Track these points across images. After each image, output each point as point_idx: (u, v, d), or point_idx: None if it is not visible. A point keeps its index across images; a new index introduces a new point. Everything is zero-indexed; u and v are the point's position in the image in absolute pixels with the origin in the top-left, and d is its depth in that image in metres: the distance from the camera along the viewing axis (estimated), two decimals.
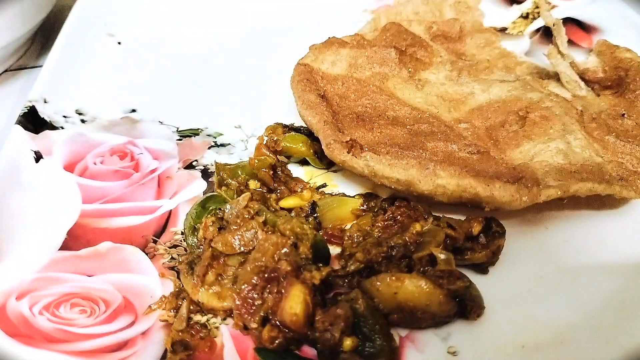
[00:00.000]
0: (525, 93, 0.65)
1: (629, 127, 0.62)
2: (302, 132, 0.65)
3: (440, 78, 0.69)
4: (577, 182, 0.55)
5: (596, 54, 0.70)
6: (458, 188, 0.54)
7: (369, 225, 0.56)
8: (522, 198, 0.53)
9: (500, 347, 0.48)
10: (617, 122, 0.62)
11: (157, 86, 0.76)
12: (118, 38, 0.84)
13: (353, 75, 0.67)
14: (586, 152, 0.58)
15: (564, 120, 0.61)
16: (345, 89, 0.66)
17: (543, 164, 0.57)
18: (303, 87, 0.64)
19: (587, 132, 0.61)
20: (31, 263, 0.53)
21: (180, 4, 0.92)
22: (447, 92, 0.67)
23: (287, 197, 0.60)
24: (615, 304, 0.52)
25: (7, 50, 0.80)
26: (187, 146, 0.68)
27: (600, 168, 0.57)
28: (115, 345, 0.48)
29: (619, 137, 0.60)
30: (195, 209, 0.58)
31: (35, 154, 0.63)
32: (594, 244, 0.57)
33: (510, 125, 0.62)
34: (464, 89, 0.68)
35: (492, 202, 0.54)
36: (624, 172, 0.58)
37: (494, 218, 0.55)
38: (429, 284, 0.48)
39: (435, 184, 0.54)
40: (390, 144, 0.58)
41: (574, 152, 0.58)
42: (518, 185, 0.53)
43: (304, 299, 0.46)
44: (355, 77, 0.67)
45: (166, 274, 0.53)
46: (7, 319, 0.49)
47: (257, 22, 0.89)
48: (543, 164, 0.57)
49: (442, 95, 0.67)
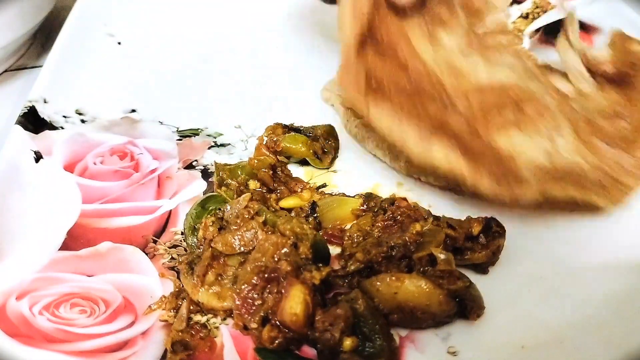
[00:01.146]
0: (527, 82, 0.63)
1: (622, 129, 0.60)
2: (302, 133, 0.65)
3: (452, 44, 0.67)
4: (558, 187, 0.56)
5: (610, 45, 0.67)
6: (448, 165, 0.55)
7: (369, 225, 0.56)
8: (503, 196, 0.55)
9: (500, 347, 0.48)
10: (612, 123, 0.61)
11: (157, 86, 0.76)
12: (118, 38, 0.84)
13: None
14: (571, 155, 0.58)
15: (557, 118, 0.60)
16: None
17: (527, 162, 0.56)
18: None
19: (577, 134, 0.60)
20: (31, 263, 0.53)
21: (180, 4, 0.92)
22: (454, 61, 0.65)
23: (287, 197, 0.60)
24: (615, 304, 0.51)
25: (7, 50, 0.80)
26: (187, 146, 0.68)
27: (582, 174, 0.57)
28: (115, 345, 0.48)
29: (609, 142, 0.59)
30: (195, 209, 0.58)
31: (35, 154, 0.63)
32: (594, 244, 0.57)
33: (505, 109, 0.60)
34: (469, 63, 0.65)
35: (474, 191, 0.56)
36: (605, 179, 0.57)
37: (494, 218, 0.55)
38: (429, 284, 0.48)
39: (429, 152, 0.56)
40: (393, 89, 0.58)
41: (560, 154, 0.57)
42: (502, 185, 0.55)
43: (304, 299, 0.46)
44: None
45: (166, 274, 0.53)
46: (7, 319, 0.49)
47: (258, 22, 0.89)
48: (527, 161, 0.56)
49: (448, 62, 0.64)
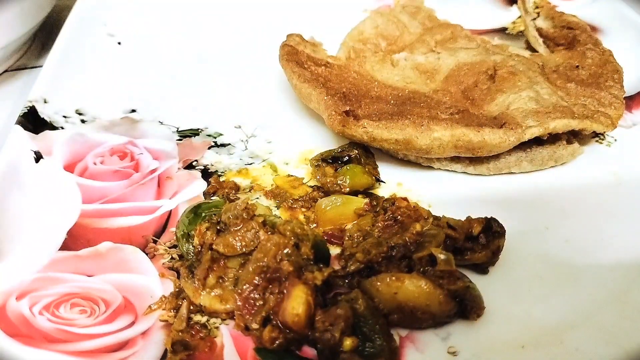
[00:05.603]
0: (489, 56, 0.72)
1: (584, 76, 0.69)
2: (340, 160, 0.64)
3: (413, 54, 0.75)
4: (554, 119, 0.61)
5: (545, 17, 0.81)
6: (452, 138, 0.59)
7: (369, 225, 0.56)
8: (509, 139, 0.60)
9: (500, 347, 0.48)
10: (574, 73, 0.70)
11: (157, 86, 0.76)
12: (118, 38, 0.84)
13: (334, 63, 0.72)
14: (553, 97, 0.64)
15: (529, 74, 0.68)
16: (328, 72, 0.69)
17: (520, 110, 0.63)
18: (293, 65, 0.68)
19: (550, 83, 0.68)
20: (31, 263, 0.53)
21: (180, 4, 0.92)
22: (420, 63, 0.73)
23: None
24: (615, 304, 0.52)
25: (7, 50, 0.80)
26: (187, 146, 0.68)
27: (570, 109, 0.63)
28: (115, 345, 0.48)
29: (578, 84, 0.67)
30: (186, 216, 0.56)
31: (35, 154, 0.63)
32: (594, 244, 0.57)
33: (483, 84, 0.68)
34: (434, 57, 0.73)
35: (484, 147, 0.60)
36: (588, 112, 0.64)
37: (494, 218, 0.55)
38: (429, 284, 0.48)
39: (432, 137, 0.59)
40: (380, 115, 0.62)
41: (544, 98, 0.64)
42: (504, 129, 0.60)
43: (306, 299, 0.46)
44: (335, 64, 0.71)
45: (166, 274, 0.53)
46: (7, 319, 0.49)
47: (257, 22, 0.89)
48: (519, 110, 0.63)
49: (416, 67, 0.72)
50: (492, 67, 0.69)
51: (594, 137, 0.69)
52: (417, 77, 0.71)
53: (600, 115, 0.64)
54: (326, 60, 0.71)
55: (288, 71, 0.68)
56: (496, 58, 0.71)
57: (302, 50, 0.71)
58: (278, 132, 0.70)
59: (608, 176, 0.65)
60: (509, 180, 0.64)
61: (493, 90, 0.67)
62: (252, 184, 0.63)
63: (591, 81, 0.68)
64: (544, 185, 0.64)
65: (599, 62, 0.71)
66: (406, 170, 0.65)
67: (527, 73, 0.68)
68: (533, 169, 0.65)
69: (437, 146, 0.60)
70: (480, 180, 0.64)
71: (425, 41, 0.77)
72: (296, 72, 0.67)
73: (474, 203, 0.61)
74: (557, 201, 0.62)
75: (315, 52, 0.72)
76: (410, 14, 0.82)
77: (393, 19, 0.81)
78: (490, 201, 0.62)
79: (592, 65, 0.71)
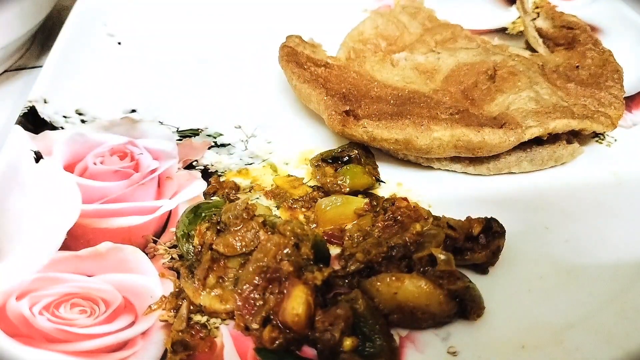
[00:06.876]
0: (489, 56, 0.72)
1: (583, 76, 0.69)
2: (340, 160, 0.64)
3: (409, 56, 0.75)
4: (554, 119, 0.61)
5: (545, 17, 0.81)
6: (452, 138, 0.59)
7: (369, 225, 0.56)
8: (509, 139, 0.60)
9: (500, 347, 0.48)
10: (574, 73, 0.70)
11: (157, 86, 0.76)
12: (118, 38, 0.84)
13: (334, 63, 0.71)
14: (553, 98, 0.64)
15: (529, 74, 0.68)
16: (328, 73, 0.69)
17: (520, 110, 0.63)
18: (293, 66, 0.68)
19: (550, 83, 0.68)
20: (31, 263, 0.53)
21: (180, 5, 0.92)
22: (420, 63, 0.73)
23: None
24: (615, 304, 0.52)
25: (7, 50, 0.80)
26: (187, 146, 0.68)
27: (570, 109, 0.63)
28: (115, 345, 0.48)
29: (578, 84, 0.67)
30: (186, 216, 0.56)
31: (35, 154, 0.63)
32: (594, 244, 0.57)
33: (482, 84, 0.68)
34: (434, 57, 0.73)
35: (484, 147, 0.60)
36: (588, 112, 0.64)
37: (494, 218, 0.55)
38: (429, 284, 0.48)
39: (432, 137, 0.59)
40: (380, 115, 0.62)
41: (544, 98, 0.64)
42: (504, 129, 0.60)
43: (306, 299, 0.46)
44: (335, 65, 0.71)
45: (166, 274, 0.53)
46: (7, 319, 0.49)
47: (257, 22, 0.89)
48: (519, 110, 0.63)
49: (416, 67, 0.72)
50: (492, 67, 0.69)
51: (594, 137, 0.69)
52: (417, 77, 0.71)
53: (600, 116, 0.64)
54: (326, 61, 0.71)
55: (288, 72, 0.69)
56: (496, 58, 0.71)
57: (302, 51, 0.71)
58: (278, 132, 0.70)
59: (608, 176, 0.65)
60: (509, 180, 0.64)
61: (493, 90, 0.67)
62: (252, 184, 0.63)
63: (591, 81, 0.68)
64: (544, 185, 0.64)
65: (599, 62, 0.71)
66: (406, 170, 0.65)
67: (527, 73, 0.68)
68: (533, 169, 0.65)
69: (437, 146, 0.60)
70: (480, 180, 0.64)
71: (425, 41, 0.77)
72: (296, 73, 0.67)
73: (474, 203, 0.61)
74: (557, 201, 0.62)
75: (315, 52, 0.72)
76: (410, 14, 0.82)
77: (393, 19, 0.81)
78: (490, 201, 0.62)
79: (592, 65, 0.71)
